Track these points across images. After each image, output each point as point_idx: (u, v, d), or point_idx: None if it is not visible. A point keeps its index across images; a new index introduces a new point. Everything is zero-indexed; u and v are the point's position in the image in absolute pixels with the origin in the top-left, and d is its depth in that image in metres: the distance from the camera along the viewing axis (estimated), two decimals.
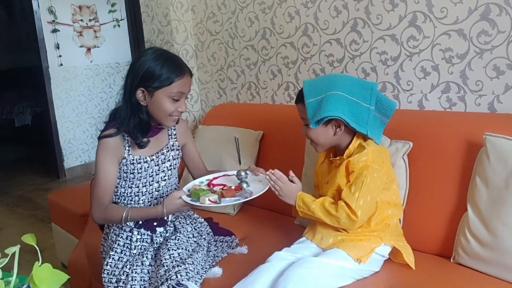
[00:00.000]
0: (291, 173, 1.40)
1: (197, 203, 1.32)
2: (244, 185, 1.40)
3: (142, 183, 1.49)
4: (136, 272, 1.39)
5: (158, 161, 1.51)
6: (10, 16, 6.79)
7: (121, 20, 4.68)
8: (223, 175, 1.53)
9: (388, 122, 1.38)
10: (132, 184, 1.49)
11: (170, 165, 1.55)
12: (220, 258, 1.52)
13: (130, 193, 1.50)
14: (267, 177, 1.38)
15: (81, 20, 4.40)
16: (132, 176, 1.47)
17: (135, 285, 1.36)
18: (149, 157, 1.49)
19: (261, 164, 2.02)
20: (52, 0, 4.16)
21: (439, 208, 1.43)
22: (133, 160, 1.46)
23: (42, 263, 0.84)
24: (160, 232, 1.51)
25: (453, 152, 1.43)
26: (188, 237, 1.51)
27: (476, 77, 1.58)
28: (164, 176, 1.53)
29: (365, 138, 1.37)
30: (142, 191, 1.50)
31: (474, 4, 1.53)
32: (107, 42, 4.60)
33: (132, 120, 1.41)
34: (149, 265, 1.42)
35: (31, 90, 6.06)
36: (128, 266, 1.41)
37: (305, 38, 2.08)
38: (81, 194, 2.19)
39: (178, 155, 1.58)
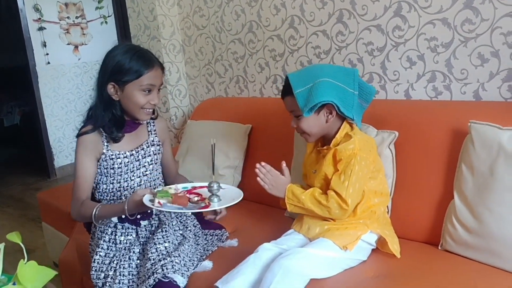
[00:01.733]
0: (284, 164, 1.40)
1: (149, 204, 1.28)
2: (215, 199, 1.32)
3: (124, 179, 1.49)
4: (124, 267, 1.39)
5: (138, 156, 1.51)
6: None
7: (108, 16, 4.64)
8: (203, 186, 1.43)
9: (367, 108, 1.39)
10: (113, 180, 1.49)
11: (151, 160, 1.55)
12: (210, 252, 1.52)
13: (112, 189, 1.50)
14: (256, 170, 1.37)
15: (68, 17, 4.35)
16: (112, 171, 1.47)
17: (123, 280, 1.36)
18: (128, 152, 1.49)
19: (251, 157, 2.02)
20: None
21: (426, 196, 1.44)
22: (112, 155, 1.46)
23: (33, 263, 0.84)
24: (144, 225, 1.50)
25: (439, 140, 1.44)
26: (174, 230, 1.51)
27: (461, 66, 1.59)
28: (146, 171, 1.53)
29: (351, 127, 1.38)
30: (123, 186, 1.50)
31: None
32: (94, 39, 4.56)
33: (106, 115, 1.43)
34: (137, 259, 1.42)
35: (19, 90, 5.99)
36: (115, 262, 1.41)
37: (292, 31, 2.08)
38: (71, 193, 2.17)
39: (159, 150, 1.58)
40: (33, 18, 4.10)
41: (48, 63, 4.23)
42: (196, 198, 1.36)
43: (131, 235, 1.49)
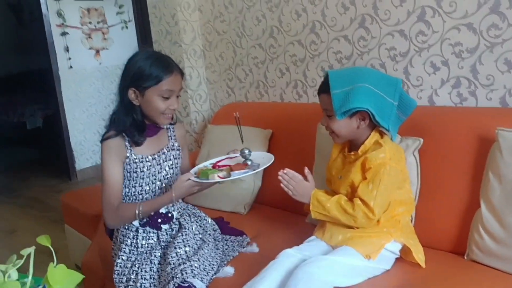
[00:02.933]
0: (306, 170, 1.39)
1: (207, 180, 1.35)
2: (249, 163, 1.41)
3: (146, 182, 1.52)
4: (145, 271, 1.40)
5: (159, 160, 1.53)
6: (19, 20, 6.86)
7: (129, 21, 4.70)
8: (226, 158, 1.54)
9: (405, 121, 1.36)
10: (136, 183, 1.51)
11: (172, 164, 1.57)
12: (232, 257, 1.52)
13: (134, 192, 1.52)
14: (279, 177, 1.37)
15: (90, 22, 4.43)
16: (135, 175, 1.50)
17: (145, 283, 1.37)
18: (150, 156, 1.52)
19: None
20: (61, 3, 4.18)
21: (452, 204, 1.42)
22: (135, 159, 1.49)
23: (63, 266, 0.85)
24: (165, 229, 1.52)
25: (464, 147, 1.42)
26: (194, 234, 1.52)
27: (487, 71, 1.56)
28: (166, 175, 1.55)
29: (381, 135, 1.36)
30: (145, 190, 1.52)
31: None
32: (115, 44, 4.62)
33: (127, 120, 1.46)
34: (158, 263, 1.43)
35: (42, 93, 6.11)
36: (137, 265, 1.43)
37: (313, 36, 2.08)
38: (93, 195, 2.20)
39: (178, 155, 1.60)
40: (56, 23, 4.18)
41: (71, 67, 4.31)
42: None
43: (152, 239, 1.50)
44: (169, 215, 1.54)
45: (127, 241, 1.49)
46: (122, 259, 1.46)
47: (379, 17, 1.81)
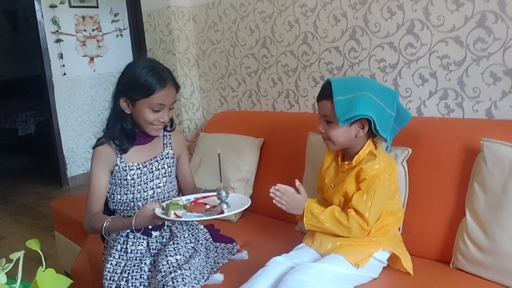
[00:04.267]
0: (297, 182, 1.38)
1: (165, 216, 1.29)
2: (224, 206, 1.33)
3: (137, 190, 1.51)
4: (135, 278, 1.40)
5: (152, 168, 1.53)
6: (14, 26, 6.87)
7: (123, 29, 4.73)
8: (206, 196, 1.46)
9: (399, 132, 1.38)
10: (127, 191, 1.51)
11: (165, 173, 1.56)
12: (221, 265, 1.53)
13: (126, 199, 1.52)
14: (271, 194, 1.36)
15: (84, 30, 4.45)
16: (125, 182, 1.50)
17: None
18: (141, 164, 1.51)
19: (263, 170, 2.04)
20: (56, 10, 4.20)
21: (438, 214, 1.44)
22: (125, 167, 1.48)
23: (51, 270, 0.85)
24: (155, 236, 1.52)
25: (451, 157, 1.45)
26: (186, 243, 1.52)
27: (473, 84, 1.60)
28: (159, 183, 1.54)
29: (375, 146, 1.38)
30: (136, 198, 1.52)
31: (470, 12, 1.56)
32: (109, 52, 4.64)
33: (116, 128, 1.46)
34: (148, 271, 1.43)
35: (35, 99, 6.09)
36: (127, 272, 1.43)
37: (305, 46, 2.11)
38: (84, 202, 2.20)
39: (173, 163, 1.59)
40: (51, 30, 4.20)
41: (64, 74, 4.31)
42: (207, 206, 1.37)
43: (142, 245, 1.50)
44: (160, 222, 1.53)
45: (117, 246, 1.49)
46: (111, 263, 1.46)
47: (370, 29, 1.85)
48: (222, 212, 1.31)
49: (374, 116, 1.27)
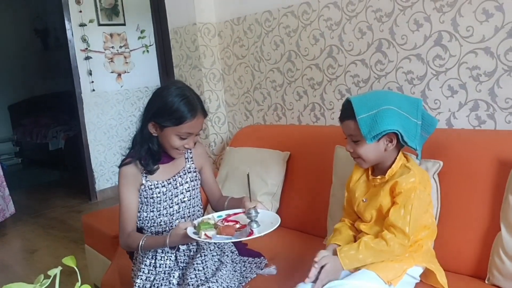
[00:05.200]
0: (316, 258, 1.31)
1: (196, 237, 1.29)
2: (254, 225, 1.32)
3: (163, 206, 1.53)
4: None
5: (176, 184, 1.55)
6: (45, 45, 7.12)
7: (150, 46, 4.84)
8: (237, 213, 1.46)
9: (427, 139, 1.36)
10: (153, 208, 1.53)
11: (189, 187, 1.58)
12: (249, 279, 1.53)
13: (152, 216, 1.54)
14: None
15: (112, 47, 4.57)
16: (152, 200, 1.52)
17: None
18: (166, 181, 1.53)
19: (289, 184, 2.03)
20: (85, 29, 4.34)
21: (472, 228, 1.41)
22: (150, 185, 1.51)
23: (88, 287, 0.87)
24: (183, 250, 1.53)
25: (484, 170, 1.41)
26: (212, 255, 1.53)
27: (505, 95, 1.57)
28: (184, 198, 1.57)
29: (407, 158, 1.36)
30: (163, 214, 1.54)
31: (500, 22, 1.53)
32: (136, 67, 4.75)
33: (143, 149, 1.48)
34: (177, 284, 1.44)
35: (64, 115, 6.28)
36: (156, 286, 1.44)
37: (330, 60, 2.11)
38: (114, 216, 2.22)
39: (196, 177, 1.61)
40: (81, 48, 4.33)
41: (93, 90, 4.43)
42: (237, 226, 1.37)
43: (170, 259, 1.51)
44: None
45: (146, 261, 1.51)
46: (141, 279, 1.48)
47: (396, 41, 1.84)
48: (251, 233, 1.30)
49: (401, 128, 1.25)
